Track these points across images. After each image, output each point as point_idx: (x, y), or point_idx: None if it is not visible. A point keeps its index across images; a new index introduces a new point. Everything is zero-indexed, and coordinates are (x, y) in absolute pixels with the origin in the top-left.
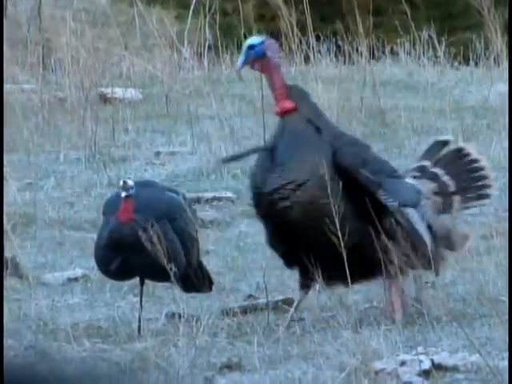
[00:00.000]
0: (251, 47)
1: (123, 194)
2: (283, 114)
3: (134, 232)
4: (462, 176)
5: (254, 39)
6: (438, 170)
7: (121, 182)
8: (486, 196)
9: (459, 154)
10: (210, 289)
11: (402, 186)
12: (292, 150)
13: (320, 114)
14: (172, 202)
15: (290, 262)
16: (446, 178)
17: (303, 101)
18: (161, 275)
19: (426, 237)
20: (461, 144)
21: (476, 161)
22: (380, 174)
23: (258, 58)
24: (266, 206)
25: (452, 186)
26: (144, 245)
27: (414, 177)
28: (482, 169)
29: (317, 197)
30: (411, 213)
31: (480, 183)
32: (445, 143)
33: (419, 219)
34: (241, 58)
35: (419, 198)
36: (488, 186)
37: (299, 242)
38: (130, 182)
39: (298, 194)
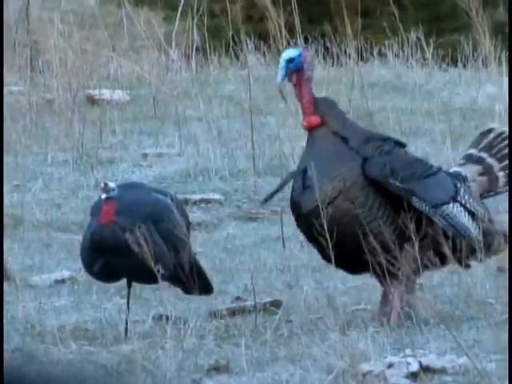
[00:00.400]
0: (291, 60)
1: (103, 196)
2: (310, 129)
3: (115, 234)
4: (505, 157)
5: (291, 52)
6: (482, 154)
7: (102, 184)
8: None
9: (501, 136)
10: (208, 291)
11: (436, 184)
12: (320, 168)
13: (347, 124)
14: (157, 204)
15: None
16: (490, 160)
17: (330, 113)
18: (146, 277)
19: (469, 227)
20: (503, 128)
21: None
22: (411, 179)
23: (295, 71)
24: (306, 227)
25: (496, 166)
26: (126, 247)
27: (460, 164)
28: None
29: (348, 210)
30: (449, 209)
31: None
32: (490, 131)
33: (458, 212)
34: (280, 73)
35: (455, 191)
36: None
37: (349, 254)
38: (111, 184)
39: (330, 210)
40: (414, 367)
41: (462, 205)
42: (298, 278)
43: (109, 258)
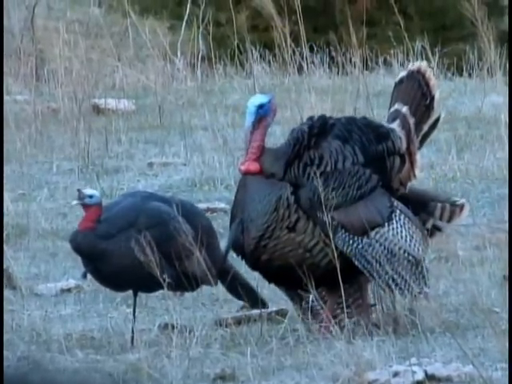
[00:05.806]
0: (261, 106)
1: (74, 203)
2: (245, 173)
3: (88, 241)
4: (419, 109)
5: (262, 97)
6: (403, 108)
7: (76, 192)
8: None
9: (415, 80)
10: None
11: (370, 205)
12: (252, 210)
13: (283, 163)
14: (144, 212)
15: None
16: (410, 120)
17: (272, 165)
18: (124, 284)
19: (407, 248)
20: (413, 65)
21: (428, 85)
22: (342, 205)
23: (262, 117)
24: (253, 264)
25: (412, 124)
26: (99, 253)
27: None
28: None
29: (290, 239)
30: (383, 234)
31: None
32: (401, 81)
33: (394, 235)
34: (250, 118)
35: (391, 210)
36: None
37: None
38: (88, 191)
39: (269, 245)
40: (420, 376)
41: (399, 223)
42: None
43: (89, 263)
